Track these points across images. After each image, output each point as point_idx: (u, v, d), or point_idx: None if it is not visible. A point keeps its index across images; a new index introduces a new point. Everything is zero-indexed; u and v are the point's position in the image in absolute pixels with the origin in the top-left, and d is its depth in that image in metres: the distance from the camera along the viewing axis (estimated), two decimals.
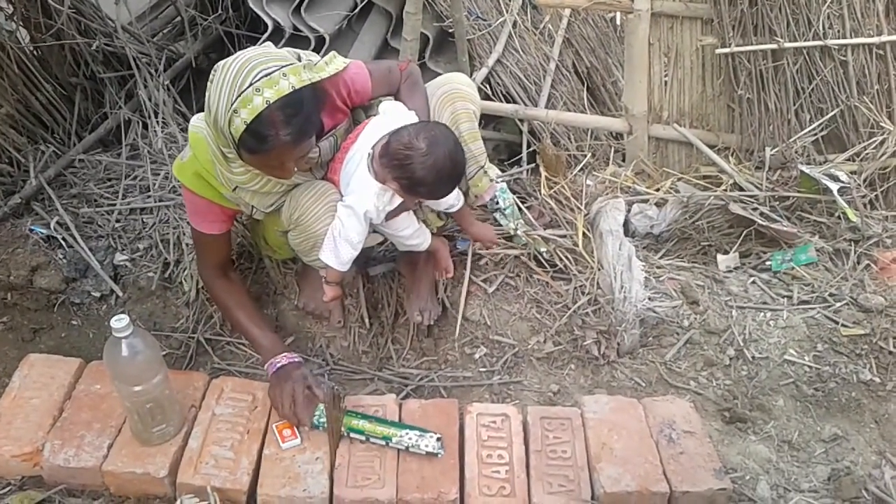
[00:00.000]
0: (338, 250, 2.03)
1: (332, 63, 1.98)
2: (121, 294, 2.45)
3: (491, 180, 2.32)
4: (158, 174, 2.74)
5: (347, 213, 2.00)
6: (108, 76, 3.07)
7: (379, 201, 2.01)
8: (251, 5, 3.57)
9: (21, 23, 2.78)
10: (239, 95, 1.73)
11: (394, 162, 1.95)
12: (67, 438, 1.94)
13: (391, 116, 2.07)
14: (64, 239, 2.53)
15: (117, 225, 2.59)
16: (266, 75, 1.74)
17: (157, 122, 2.98)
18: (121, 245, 2.53)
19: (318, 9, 3.64)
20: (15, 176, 2.78)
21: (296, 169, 1.93)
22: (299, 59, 1.92)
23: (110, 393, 2.06)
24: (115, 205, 2.67)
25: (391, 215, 2.07)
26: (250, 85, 1.73)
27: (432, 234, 2.25)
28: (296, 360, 2.05)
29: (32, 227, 2.56)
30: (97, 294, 2.46)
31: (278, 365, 2.03)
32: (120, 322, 1.74)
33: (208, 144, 1.94)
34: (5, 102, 2.76)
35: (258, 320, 2.17)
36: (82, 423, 1.99)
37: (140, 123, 3.05)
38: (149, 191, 2.70)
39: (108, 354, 1.79)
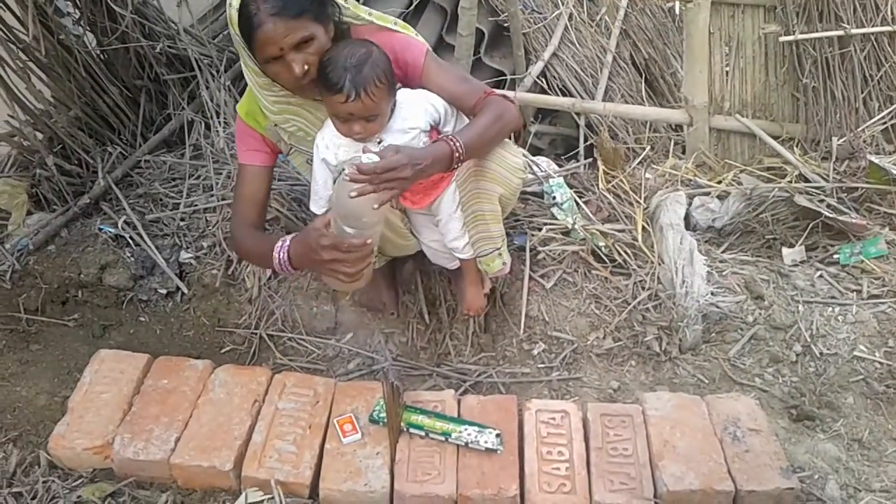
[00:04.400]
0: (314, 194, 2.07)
1: (375, 15, 1.97)
2: (186, 291, 2.51)
3: (504, 263, 2.20)
4: (221, 173, 2.80)
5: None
6: (171, 78, 3.13)
7: (326, 132, 1.99)
8: None
9: (88, 27, 2.86)
10: None
11: None
12: (136, 432, 2.00)
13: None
14: (131, 238, 2.60)
15: (182, 224, 2.66)
16: None
17: (219, 122, 3.03)
18: (185, 243, 2.59)
19: (372, 5, 3.65)
20: (84, 177, 2.87)
21: (305, 67, 1.84)
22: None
23: (178, 387, 2.12)
24: (179, 204, 2.73)
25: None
26: None
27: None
28: (287, 239, 1.99)
29: (101, 227, 2.64)
30: (163, 291, 2.53)
31: (285, 246, 1.97)
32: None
33: (251, 77, 1.97)
34: (73, 105, 2.85)
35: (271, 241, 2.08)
36: (150, 418, 2.04)
37: (203, 124, 3.11)
38: (212, 190, 2.76)
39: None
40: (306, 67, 1.84)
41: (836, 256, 2.52)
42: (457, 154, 1.84)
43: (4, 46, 2.58)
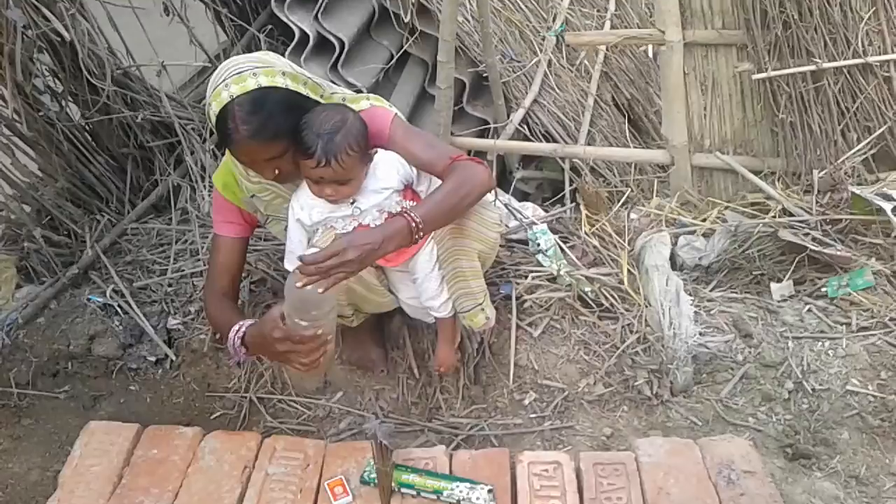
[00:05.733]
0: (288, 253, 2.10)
1: (349, 99, 2.02)
2: (175, 358, 2.51)
3: (487, 318, 2.21)
4: (207, 237, 2.81)
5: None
6: (156, 144, 3.18)
7: (301, 194, 2.03)
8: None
9: (70, 100, 2.91)
10: (214, 89, 1.82)
11: None
12: None
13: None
14: (119, 306, 2.61)
15: (169, 289, 2.67)
16: (237, 73, 1.81)
17: (204, 185, 3.07)
18: (173, 309, 2.60)
19: (354, 63, 3.72)
20: (73, 247, 2.89)
21: (276, 172, 1.92)
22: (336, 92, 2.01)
23: (167, 457, 2.10)
24: (166, 270, 2.74)
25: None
26: (223, 80, 1.81)
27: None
28: (246, 324, 2.00)
29: (90, 297, 2.65)
30: (152, 358, 2.53)
31: (241, 332, 1.99)
32: None
33: (229, 157, 2.03)
34: (60, 177, 2.88)
35: (233, 315, 2.11)
36: (141, 489, 2.02)
37: (189, 188, 3.14)
38: (198, 254, 2.78)
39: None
40: (277, 172, 1.92)
41: (824, 290, 2.51)
42: (414, 227, 1.84)
43: None
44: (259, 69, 1.84)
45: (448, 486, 1.92)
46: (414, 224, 1.84)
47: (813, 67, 2.75)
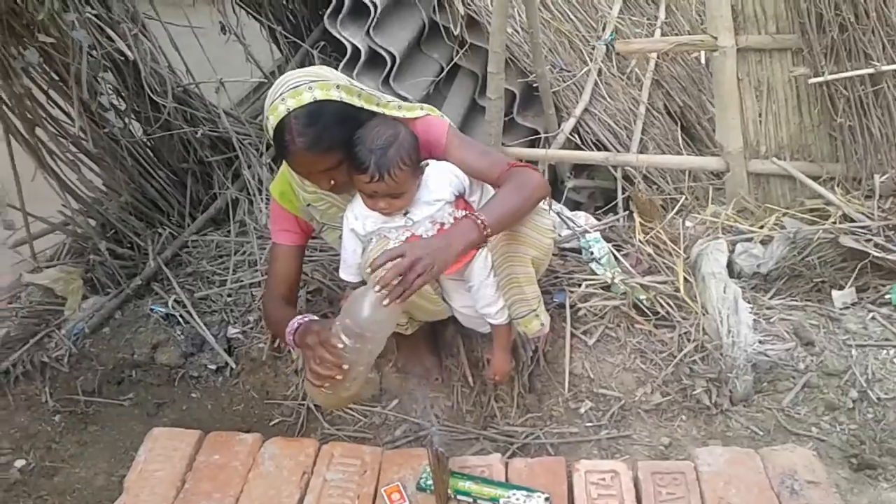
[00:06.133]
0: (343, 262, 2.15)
1: (405, 107, 2.05)
2: (234, 366, 2.56)
3: (542, 324, 2.21)
4: (265, 248, 2.87)
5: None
6: (215, 159, 3.26)
7: (355, 204, 2.06)
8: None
9: (133, 117, 3.01)
10: (271, 103, 1.86)
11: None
12: None
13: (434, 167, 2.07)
14: (181, 316, 2.68)
15: (229, 300, 2.73)
16: (294, 87, 1.85)
17: (262, 198, 3.13)
18: (233, 318, 2.66)
19: (405, 77, 3.76)
20: (136, 259, 2.97)
21: (332, 183, 1.96)
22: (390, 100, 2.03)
23: (228, 462, 2.14)
24: (226, 281, 2.81)
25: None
26: (280, 95, 1.85)
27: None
28: (307, 320, 2.03)
29: (153, 307, 2.73)
30: (213, 367, 2.58)
31: (292, 329, 2.03)
32: None
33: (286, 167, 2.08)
34: (123, 192, 2.97)
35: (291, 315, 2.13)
36: (203, 494, 2.06)
37: (247, 201, 3.22)
38: (256, 265, 2.83)
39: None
40: (332, 183, 1.97)
41: (887, 297, 2.46)
42: (481, 224, 1.86)
43: (55, 140, 2.73)
44: (314, 83, 1.88)
45: (504, 494, 1.92)
46: (480, 222, 1.86)
47: (871, 70, 2.70)
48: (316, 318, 2.06)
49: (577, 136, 3.63)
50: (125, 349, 2.64)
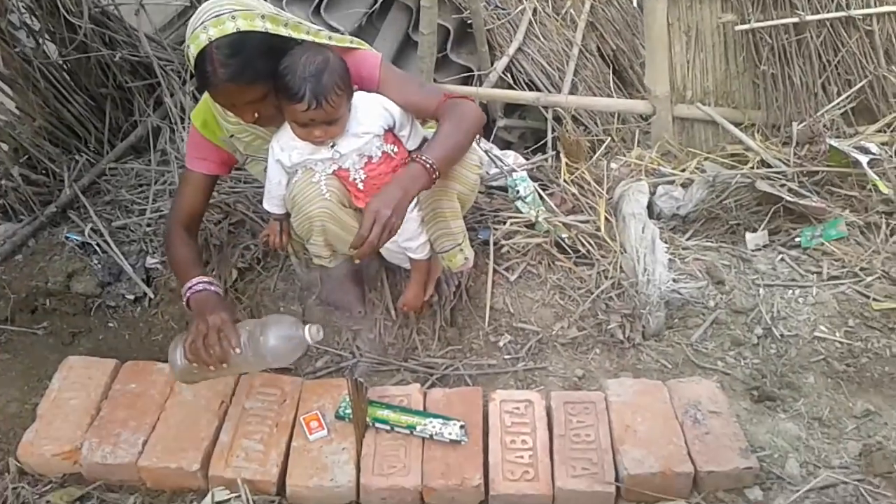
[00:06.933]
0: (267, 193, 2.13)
1: (335, 38, 2.00)
2: (153, 296, 2.51)
3: (466, 259, 2.24)
4: None
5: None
6: (135, 85, 3.14)
7: (281, 136, 2.03)
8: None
9: (48, 37, 2.86)
10: (193, 32, 1.80)
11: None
12: (104, 436, 2.01)
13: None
14: (98, 245, 2.60)
15: (148, 229, 2.66)
16: (216, 16, 1.79)
17: (184, 127, 3.04)
18: (151, 249, 2.60)
19: (337, 7, 3.67)
20: (51, 186, 2.86)
21: (255, 116, 1.92)
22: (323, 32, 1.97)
23: (145, 391, 2.14)
24: (145, 210, 2.74)
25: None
26: (201, 23, 1.79)
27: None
28: (212, 289, 2.02)
29: (68, 235, 2.64)
30: (131, 297, 2.53)
31: (194, 290, 2.01)
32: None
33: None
34: (38, 116, 2.85)
35: (194, 265, 2.12)
36: (118, 422, 2.05)
37: (169, 129, 3.12)
38: None
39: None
40: (256, 115, 1.91)
41: (797, 240, 2.55)
42: (429, 167, 1.87)
43: None
44: (238, 11, 1.81)
45: (421, 422, 1.96)
46: (429, 165, 1.87)
47: (796, 20, 2.76)
48: (217, 289, 2.04)
49: (509, 76, 3.62)
50: (39, 277, 2.56)
